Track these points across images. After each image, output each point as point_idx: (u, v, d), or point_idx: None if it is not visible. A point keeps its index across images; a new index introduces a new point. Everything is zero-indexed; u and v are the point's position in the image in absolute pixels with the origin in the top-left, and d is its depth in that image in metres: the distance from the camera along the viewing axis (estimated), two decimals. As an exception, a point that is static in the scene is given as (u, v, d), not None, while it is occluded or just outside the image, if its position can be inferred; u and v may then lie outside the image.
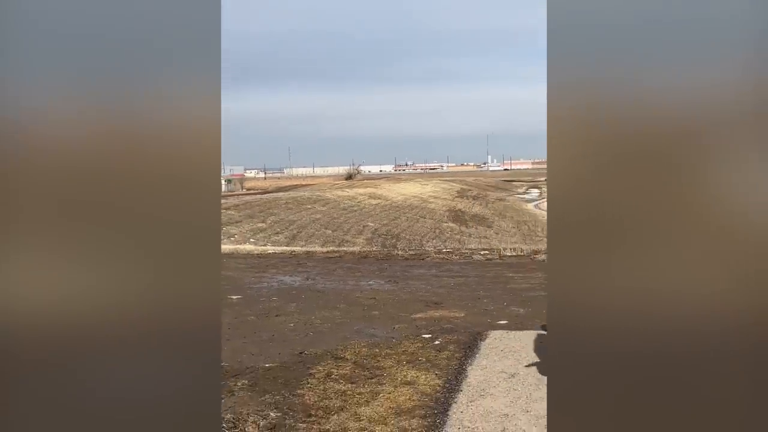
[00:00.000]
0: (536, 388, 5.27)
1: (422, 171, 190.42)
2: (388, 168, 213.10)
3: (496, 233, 34.96)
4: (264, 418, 4.68)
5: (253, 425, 4.56)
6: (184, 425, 2.17)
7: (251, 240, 24.62)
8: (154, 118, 2.18)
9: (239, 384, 5.43)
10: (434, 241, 29.73)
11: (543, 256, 14.38)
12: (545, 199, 75.55)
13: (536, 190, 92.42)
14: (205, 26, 2.15)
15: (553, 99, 2.45)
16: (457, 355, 6.24)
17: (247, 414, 4.74)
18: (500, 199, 60.31)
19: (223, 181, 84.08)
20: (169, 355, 2.19)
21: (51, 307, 2.14)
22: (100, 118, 2.14)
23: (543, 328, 7.04)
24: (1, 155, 2.07)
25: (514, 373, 5.64)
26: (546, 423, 2.89)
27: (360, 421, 4.62)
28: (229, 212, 32.54)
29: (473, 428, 4.49)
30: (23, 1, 2.06)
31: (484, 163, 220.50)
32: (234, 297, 9.63)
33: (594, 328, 2.50)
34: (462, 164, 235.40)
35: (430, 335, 7.05)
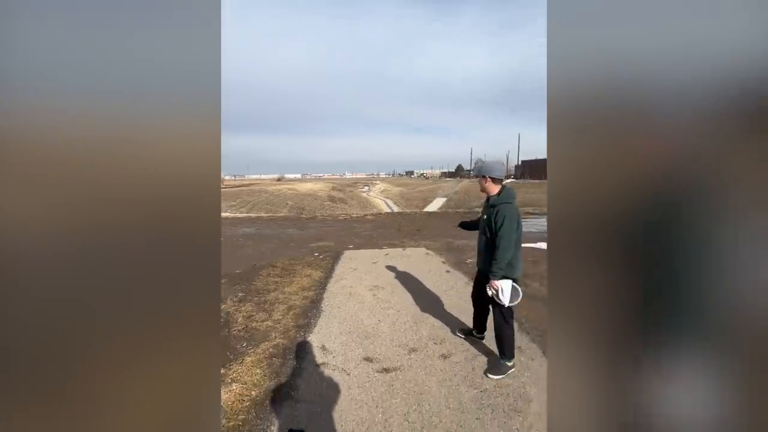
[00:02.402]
0: (366, 273, 5.55)
1: (315, 177, 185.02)
2: (299, 175, 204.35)
3: (349, 206, 35.15)
4: (236, 296, 4.52)
5: (231, 300, 4.39)
6: (187, 321, 1.04)
7: (227, 211, 22.66)
8: (160, 107, 0.98)
9: (222, 282, 5.15)
10: (321, 210, 29.24)
11: (370, 216, 14.79)
12: (372, 192, 77.29)
13: (367, 187, 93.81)
14: (207, 28, 1.06)
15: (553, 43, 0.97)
16: (330, 262, 6.37)
17: (226, 295, 4.54)
18: (350, 191, 60.56)
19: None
20: (176, 265, 1.07)
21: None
22: (112, 118, 0.96)
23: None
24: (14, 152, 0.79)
25: (355, 269, 5.88)
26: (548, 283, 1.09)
27: (284, 294, 4.61)
28: (214, 197, 29.75)
29: (336, 293, 4.67)
30: (28, 7, 1.00)
31: (344, 174, 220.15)
32: (218, 239, 8.94)
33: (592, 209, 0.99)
34: (333, 174, 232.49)
35: (318, 254, 7.07)
